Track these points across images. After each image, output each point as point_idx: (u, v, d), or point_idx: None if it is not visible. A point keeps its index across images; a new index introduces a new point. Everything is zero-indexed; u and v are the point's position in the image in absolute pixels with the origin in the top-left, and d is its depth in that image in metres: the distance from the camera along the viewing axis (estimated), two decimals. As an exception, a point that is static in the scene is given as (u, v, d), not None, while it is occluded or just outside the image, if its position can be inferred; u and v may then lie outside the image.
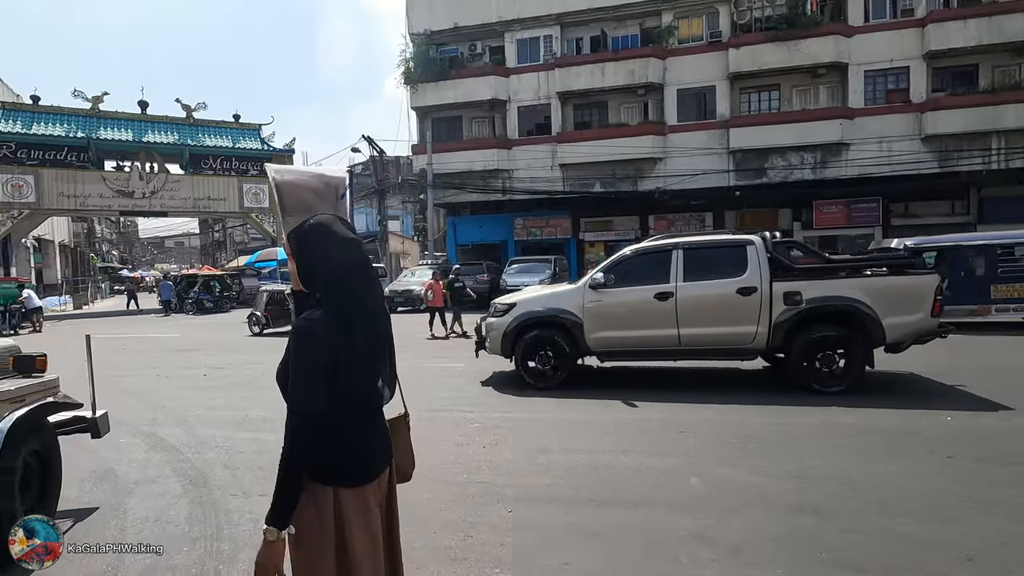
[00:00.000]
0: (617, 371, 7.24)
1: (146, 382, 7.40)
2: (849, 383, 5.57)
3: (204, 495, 3.51)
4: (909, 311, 5.57)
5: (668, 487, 3.46)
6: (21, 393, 3.11)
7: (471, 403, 5.64)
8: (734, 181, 20.71)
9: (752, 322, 5.77)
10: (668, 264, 6.05)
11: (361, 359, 1.47)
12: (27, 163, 21.99)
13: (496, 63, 22.56)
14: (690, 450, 4.12)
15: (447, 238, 26.77)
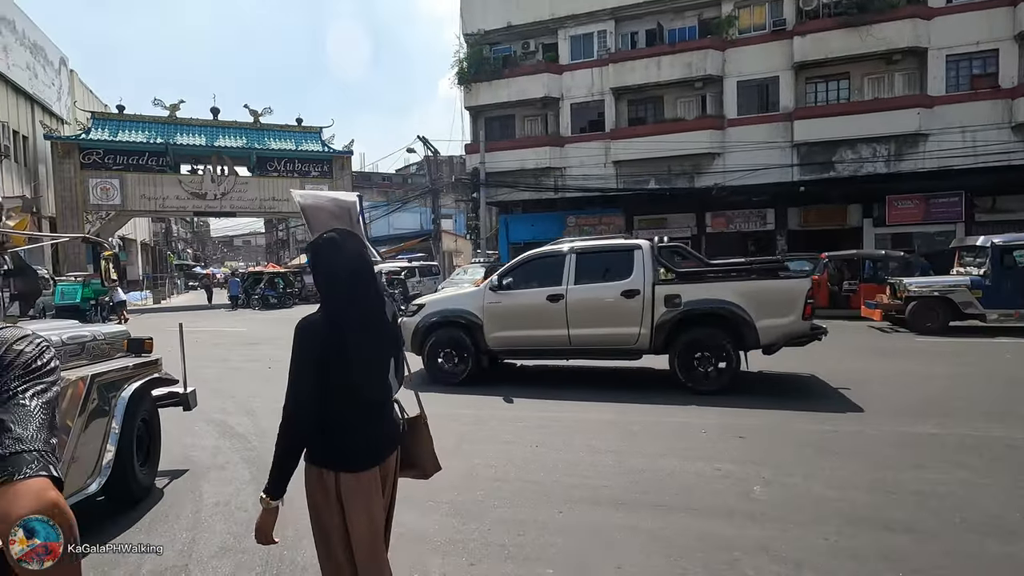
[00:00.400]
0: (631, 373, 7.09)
1: (218, 372, 7.85)
2: (722, 384, 5.75)
3: (257, 490, 3.69)
4: (781, 314, 5.74)
5: (727, 494, 3.34)
6: (135, 370, 3.61)
7: (519, 403, 5.63)
8: (798, 176, 19.76)
9: (636, 323, 6.02)
10: (561, 268, 6.33)
11: (351, 358, 1.63)
12: (113, 168, 23.77)
13: (549, 60, 22.47)
14: (743, 454, 3.96)
15: (499, 236, 26.92)
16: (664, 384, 6.27)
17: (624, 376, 6.92)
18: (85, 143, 23.33)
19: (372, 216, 34.81)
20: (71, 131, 24.81)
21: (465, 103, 23.84)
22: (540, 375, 7.06)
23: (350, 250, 1.70)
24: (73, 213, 22.97)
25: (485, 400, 5.68)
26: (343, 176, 27.59)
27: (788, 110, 19.67)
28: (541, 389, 6.32)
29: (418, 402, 2.00)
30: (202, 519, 3.24)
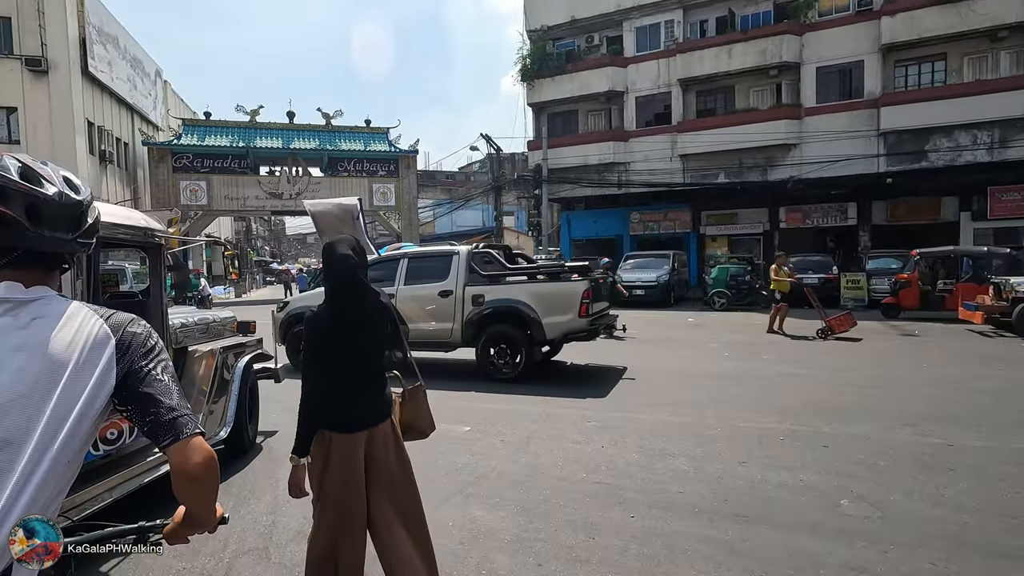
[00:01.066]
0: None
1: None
2: (518, 373, 6.52)
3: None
4: (562, 312, 6.48)
5: (812, 507, 3.11)
6: (245, 347, 4.45)
7: (589, 403, 5.53)
8: (885, 167, 18.36)
9: (450, 320, 6.87)
10: (396, 270, 7.17)
11: (347, 343, 2.01)
12: (201, 170, 25.49)
13: (613, 53, 22.03)
14: (829, 465, 3.68)
15: (560, 233, 26.75)
16: (753, 389, 5.98)
17: (707, 377, 6.66)
18: (176, 148, 25.16)
19: (436, 213, 35.58)
20: (164, 137, 26.82)
21: (528, 99, 23.80)
22: (605, 375, 6.90)
23: (351, 253, 2.04)
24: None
25: (554, 399, 5.61)
26: (408, 175, 28.27)
27: (874, 96, 18.30)
28: (610, 388, 6.17)
29: (416, 373, 2.35)
30: (279, 504, 3.37)
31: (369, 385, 2.10)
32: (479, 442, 4.28)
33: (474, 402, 5.52)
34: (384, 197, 27.86)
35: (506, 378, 6.48)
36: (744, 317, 13.23)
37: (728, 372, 6.87)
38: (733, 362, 7.58)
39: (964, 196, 19.36)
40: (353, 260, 2.03)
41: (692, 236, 23.80)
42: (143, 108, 26.74)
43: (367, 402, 2.08)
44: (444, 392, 5.98)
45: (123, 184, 25.21)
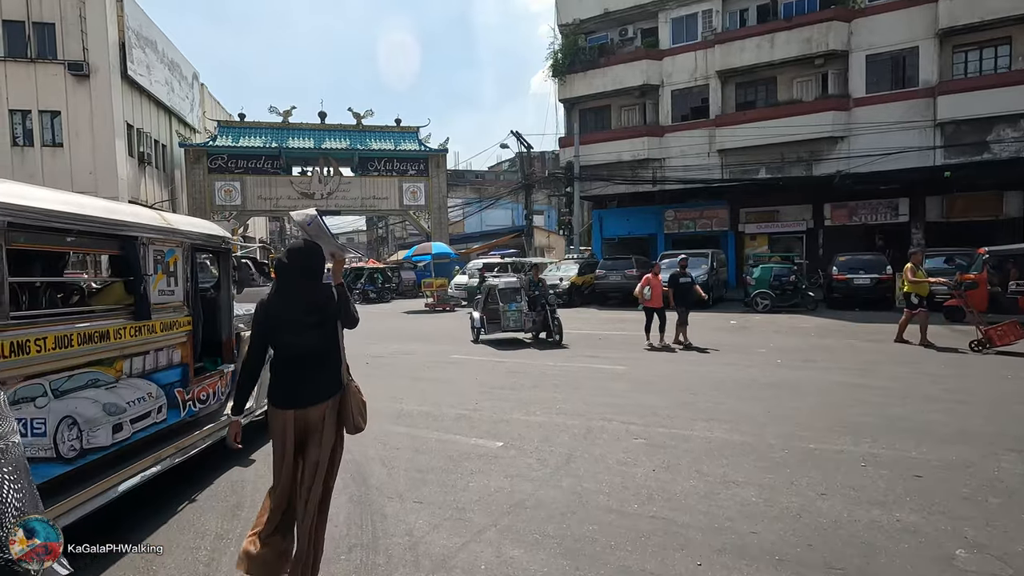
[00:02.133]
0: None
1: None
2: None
3: (363, 494, 3.42)
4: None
5: (918, 557, 2.57)
6: None
7: (633, 414, 5.06)
8: (941, 160, 17.20)
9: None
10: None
11: (281, 330, 2.33)
12: (235, 171, 25.84)
13: (648, 46, 21.33)
14: (926, 501, 3.11)
15: (592, 232, 26.15)
16: (815, 402, 5.39)
17: (761, 387, 6.08)
18: (212, 149, 25.56)
19: (466, 212, 35.36)
20: (201, 139, 27.28)
21: (559, 95, 23.28)
22: (647, 382, 6.37)
23: (299, 253, 2.38)
24: (202, 214, 25.22)
25: (594, 412, 5.13)
26: (438, 174, 28.11)
27: (930, 84, 17.17)
28: (654, 399, 5.66)
29: (347, 372, 2.49)
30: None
31: (302, 371, 2.35)
32: (514, 462, 3.86)
33: (509, 413, 5.10)
34: (414, 197, 27.76)
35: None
36: (790, 320, 12.45)
37: (784, 381, 6.27)
38: (788, 370, 6.96)
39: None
40: (287, 262, 2.37)
41: (730, 235, 22.92)
42: (180, 111, 27.26)
43: (296, 385, 2.34)
44: (473, 404, 5.57)
45: (161, 185, 25.74)
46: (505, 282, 10.38)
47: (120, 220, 3.22)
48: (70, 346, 2.80)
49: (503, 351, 9.06)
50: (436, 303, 18.28)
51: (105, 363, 3.03)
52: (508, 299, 9.81)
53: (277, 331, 2.34)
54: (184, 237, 3.79)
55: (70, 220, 2.83)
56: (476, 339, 10.07)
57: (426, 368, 7.54)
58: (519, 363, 7.73)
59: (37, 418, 2.61)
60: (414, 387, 6.33)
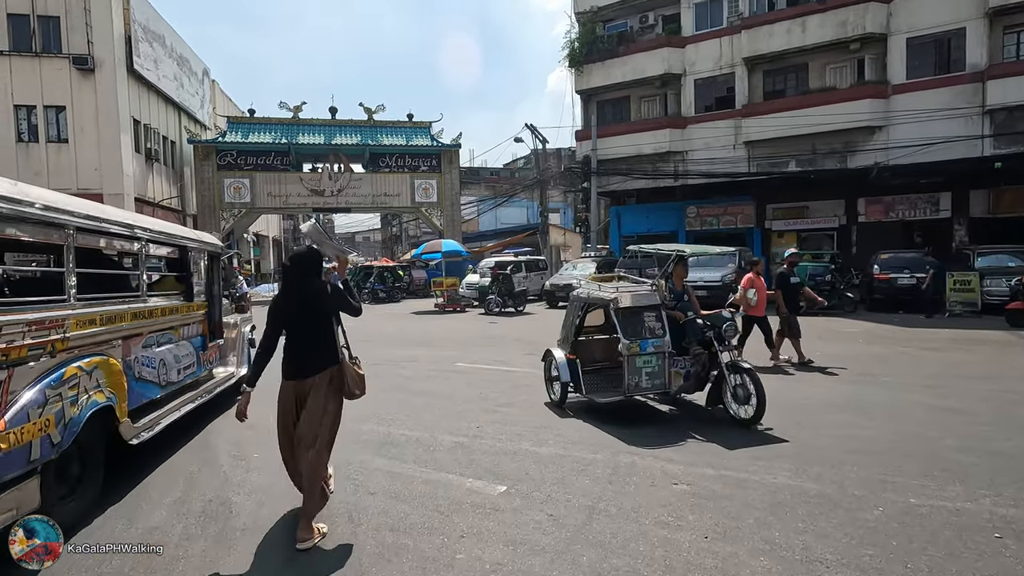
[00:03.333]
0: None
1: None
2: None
3: (309, 567, 2.58)
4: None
5: None
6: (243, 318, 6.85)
7: (667, 451, 4.09)
8: (991, 150, 15.91)
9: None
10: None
11: (287, 318, 3.02)
12: (244, 168, 25.33)
13: (670, 33, 20.27)
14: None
15: (610, 229, 25.13)
16: (893, 430, 4.44)
17: (820, 409, 5.12)
18: (221, 145, 25.07)
19: (480, 210, 34.55)
20: (211, 136, 26.83)
21: (576, 86, 22.32)
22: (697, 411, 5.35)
23: (297, 258, 3.11)
24: (211, 211, 24.79)
25: (621, 443, 4.20)
26: (451, 170, 27.32)
27: (978, 69, 15.88)
28: (691, 424, 4.73)
29: (347, 351, 3.14)
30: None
31: (307, 349, 3.00)
32: (519, 517, 2.97)
33: (517, 442, 4.21)
34: (426, 193, 27.02)
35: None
36: (829, 323, 11.38)
37: (847, 401, 5.29)
38: (847, 385, 5.98)
39: (1087, 183, 16.65)
40: (287, 265, 3.15)
41: (756, 232, 21.74)
42: (190, 107, 26.85)
43: (299, 361, 2.99)
44: (475, 429, 4.70)
45: (169, 182, 25.33)
46: (631, 294, 5.02)
47: (181, 235, 5.09)
48: (165, 314, 4.46)
49: (509, 359, 8.18)
50: (446, 303, 17.48)
51: (175, 328, 4.64)
52: (636, 329, 4.86)
53: (282, 320, 2.99)
54: (206, 246, 5.46)
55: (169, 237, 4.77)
56: (562, 402, 5.36)
57: (426, 379, 6.70)
58: (528, 374, 6.85)
59: (151, 357, 4.15)
60: (408, 404, 5.49)
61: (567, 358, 5.12)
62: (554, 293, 17.38)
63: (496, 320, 13.87)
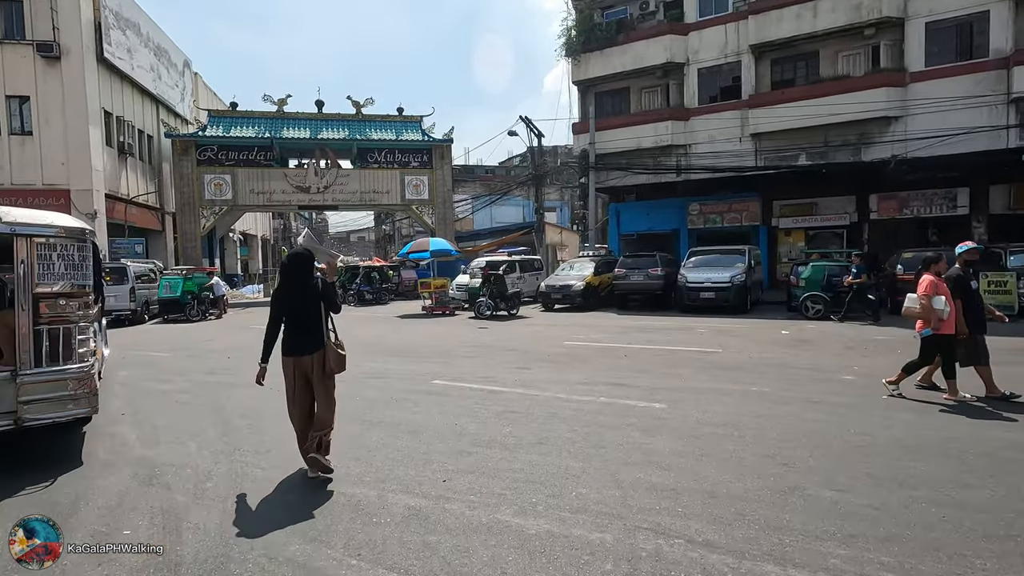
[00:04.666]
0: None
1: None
2: None
3: None
4: None
5: None
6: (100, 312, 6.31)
7: (701, 515, 2.97)
8: (1016, 141, 14.88)
9: None
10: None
11: (287, 306, 3.68)
12: (225, 163, 24.11)
13: (672, 20, 19.19)
14: None
15: (608, 227, 24.05)
16: (1006, 489, 3.34)
17: (889, 452, 4.00)
18: (201, 140, 23.85)
19: (475, 207, 33.37)
20: (193, 131, 25.61)
21: (573, 77, 21.23)
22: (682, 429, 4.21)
23: (295, 256, 3.78)
24: (191, 208, 23.58)
25: (636, 500, 3.06)
26: (443, 166, 26.17)
27: (1003, 54, 14.85)
28: (715, 470, 3.58)
29: (324, 336, 3.72)
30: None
31: (302, 332, 3.67)
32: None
33: (494, 510, 3.07)
34: (417, 190, 25.86)
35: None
36: (855, 331, 10.26)
37: (925, 441, 4.16)
38: (909, 413, 4.86)
39: (1115, 177, 15.67)
40: (286, 263, 3.82)
41: (762, 230, 20.72)
42: (168, 100, 25.64)
43: (299, 341, 3.66)
44: (441, 481, 3.58)
45: (147, 178, 24.13)
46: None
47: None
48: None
49: (497, 375, 7.06)
50: (434, 306, 16.34)
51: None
52: None
53: (282, 308, 3.71)
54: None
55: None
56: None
57: (392, 403, 5.57)
58: (519, 396, 5.74)
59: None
60: (360, 442, 4.35)
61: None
62: (550, 295, 16.26)
63: (487, 325, 12.74)
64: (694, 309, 13.94)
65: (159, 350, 9.91)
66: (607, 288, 16.46)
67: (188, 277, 16.83)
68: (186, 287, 16.35)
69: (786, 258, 20.20)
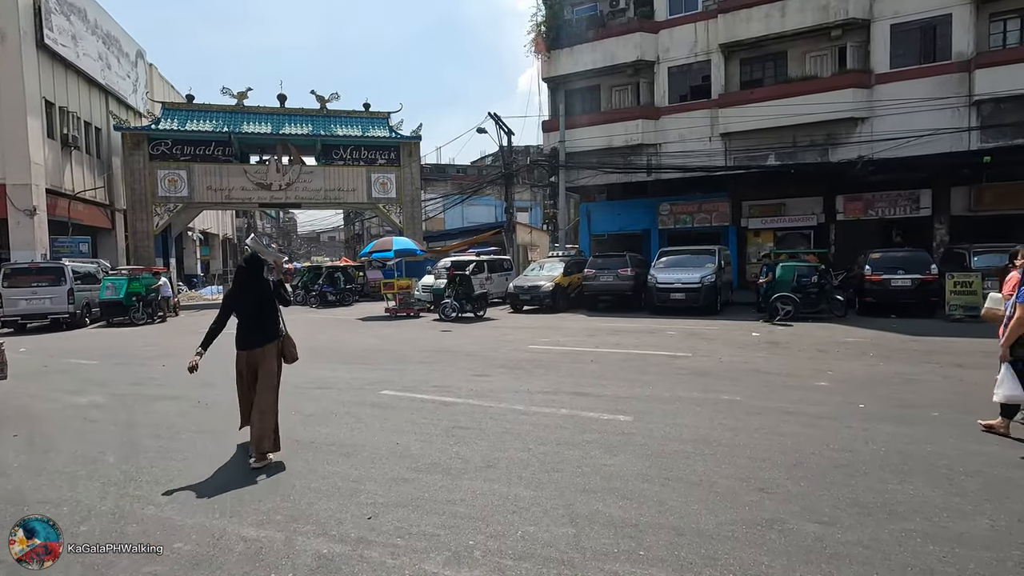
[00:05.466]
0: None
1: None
2: None
3: None
4: None
5: None
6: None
7: (671, 562, 2.55)
8: (978, 143, 15.05)
9: None
10: None
11: (243, 301, 4.07)
12: (181, 159, 22.96)
13: (643, 17, 18.95)
14: None
15: (580, 227, 23.75)
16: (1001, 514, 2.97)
17: (876, 474, 3.62)
18: (154, 134, 22.64)
19: (445, 205, 32.71)
20: (146, 124, 24.33)
21: (543, 74, 20.81)
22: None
23: (250, 260, 4.17)
24: (143, 205, 22.37)
25: (591, 542, 2.59)
26: (411, 163, 25.47)
27: (964, 57, 15.00)
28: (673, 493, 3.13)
29: (280, 328, 4.19)
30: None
31: (258, 328, 4.07)
32: None
33: (421, 559, 2.56)
34: (384, 188, 25.11)
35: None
36: (825, 331, 10.08)
37: (910, 457, 3.80)
38: (889, 424, 4.53)
39: (1070, 179, 16.00)
40: (241, 265, 4.18)
41: (731, 231, 20.67)
42: (119, 91, 24.32)
43: (249, 336, 4.06)
44: (366, 519, 3.05)
45: (94, 173, 22.81)
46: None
47: None
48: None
49: (453, 384, 6.55)
50: (398, 308, 15.69)
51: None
52: None
53: (236, 307, 4.09)
54: None
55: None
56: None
57: (330, 418, 4.99)
58: (472, 408, 5.23)
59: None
60: (285, 465, 3.80)
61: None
62: (519, 296, 15.79)
63: (450, 328, 12.19)
64: (664, 310, 13.66)
65: (88, 357, 9.07)
66: (577, 289, 16.08)
67: (134, 278, 15.81)
68: (131, 288, 15.34)
69: (755, 259, 20.18)
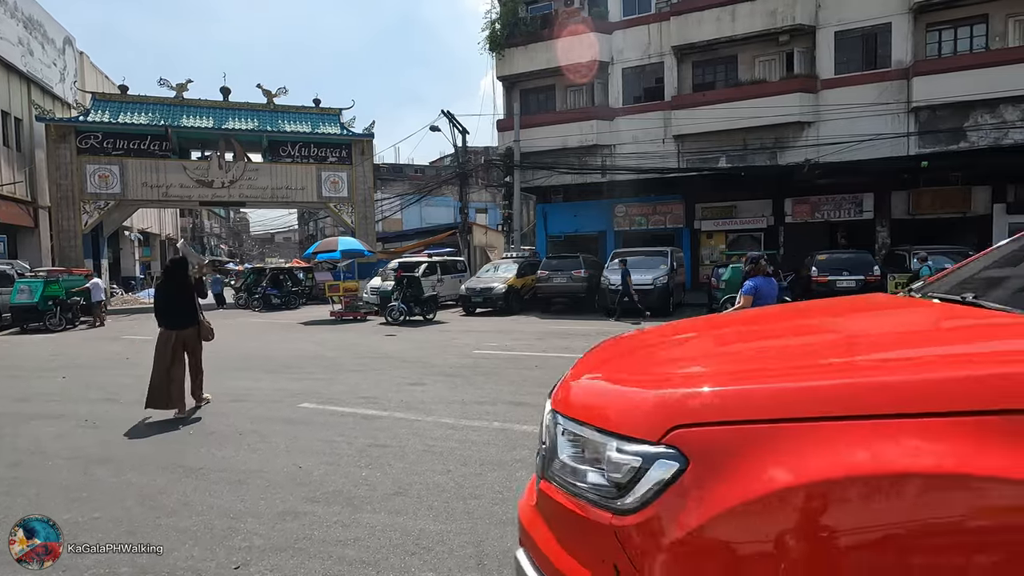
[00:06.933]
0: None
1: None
2: None
3: None
4: None
5: None
6: None
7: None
8: (916, 148, 15.55)
9: None
10: None
11: (166, 295, 5.60)
12: (113, 153, 21.50)
13: (597, 17, 18.86)
14: None
15: (536, 229, 23.51)
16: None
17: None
18: (82, 126, 21.11)
19: (403, 203, 31.95)
20: (74, 115, 22.70)
21: (497, 72, 20.49)
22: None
23: (175, 261, 5.76)
24: (70, 202, 20.83)
25: None
26: (363, 162, 24.66)
27: (903, 65, 15.49)
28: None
29: (198, 316, 5.59)
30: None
31: (179, 314, 5.45)
32: None
33: None
34: (335, 187, 24.21)
35: None
36: (771, 332, 10.06)
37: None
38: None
39: (998, 186, 16.75)
40: (169, 267, 5.67)
41: (685, 232, 20.84)
42: (43, 79, 22.63)
43: (174, 319, 5.43)
44: (246, 553, 2.59)
45: (14, 166, 21.09)
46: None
47: None
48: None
49: (382, 394, 6.07)
50: (344, 311, 15.01)
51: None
52: None
53: (162, 296, 5.49)
54: None
55: None
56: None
57: (234, 438, 4.44)
58: (397, 423, 4.77)
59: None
60: (158, 500, 3.25)
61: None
62: (470, 298, 15.35)
63: (395, 332, 11.65)
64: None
65: (-18, 369, 8.14)
66: (530, 291, 15.77)
67: (53, 280, 14.58)
68: (48, 292, 14.12)
69: (708, 260, 20.38)
